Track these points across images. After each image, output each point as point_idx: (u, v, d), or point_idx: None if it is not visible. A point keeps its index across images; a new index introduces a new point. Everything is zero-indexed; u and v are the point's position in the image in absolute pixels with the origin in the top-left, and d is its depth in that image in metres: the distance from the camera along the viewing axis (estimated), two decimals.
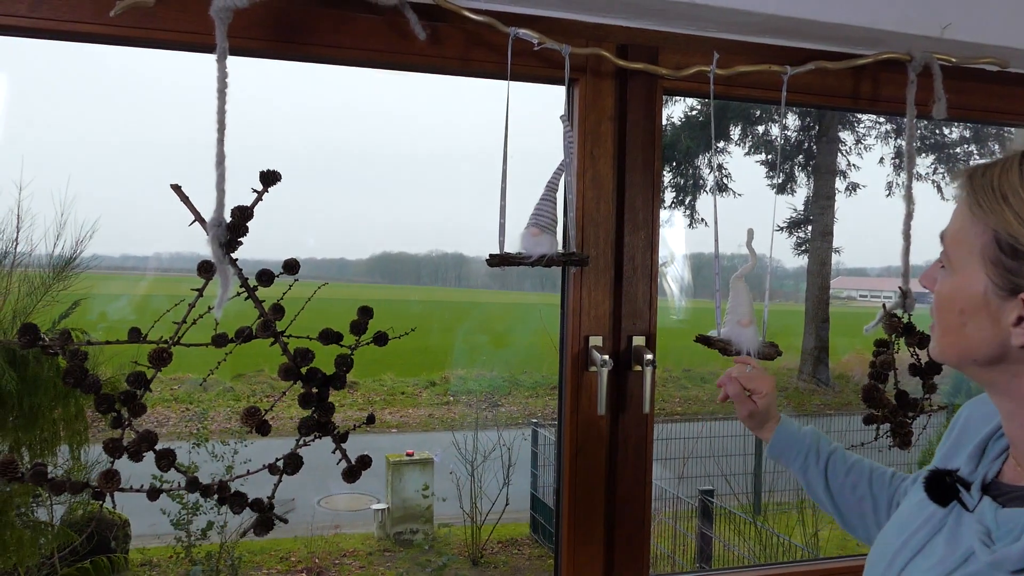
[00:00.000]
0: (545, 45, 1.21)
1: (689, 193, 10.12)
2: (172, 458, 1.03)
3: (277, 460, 1.09)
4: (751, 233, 1.26)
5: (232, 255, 1.03)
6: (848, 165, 10.41)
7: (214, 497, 1.06)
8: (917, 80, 1.39)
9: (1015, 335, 0.71)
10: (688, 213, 10.16)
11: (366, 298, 1.27)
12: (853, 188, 10.40)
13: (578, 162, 1.32)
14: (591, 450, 1.36)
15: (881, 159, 10.38)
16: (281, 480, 1.09)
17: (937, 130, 9.58)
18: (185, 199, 1.03)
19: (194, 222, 1.04)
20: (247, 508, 1.09)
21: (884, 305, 1.38)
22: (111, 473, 1.00)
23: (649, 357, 1.33)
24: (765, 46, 1.41)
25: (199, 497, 1.07)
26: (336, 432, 1.10)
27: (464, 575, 5.71)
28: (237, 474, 1.13)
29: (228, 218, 1.03)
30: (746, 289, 1.28)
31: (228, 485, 1.08)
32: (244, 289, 1.05)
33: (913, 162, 1.43)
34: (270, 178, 1.06)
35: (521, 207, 1.22)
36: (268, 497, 1.09)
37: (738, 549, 5.35)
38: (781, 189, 10.25)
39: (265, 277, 1.05)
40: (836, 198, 10.31)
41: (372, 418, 1.17)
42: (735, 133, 10.04)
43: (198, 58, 1.15)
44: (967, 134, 9.86)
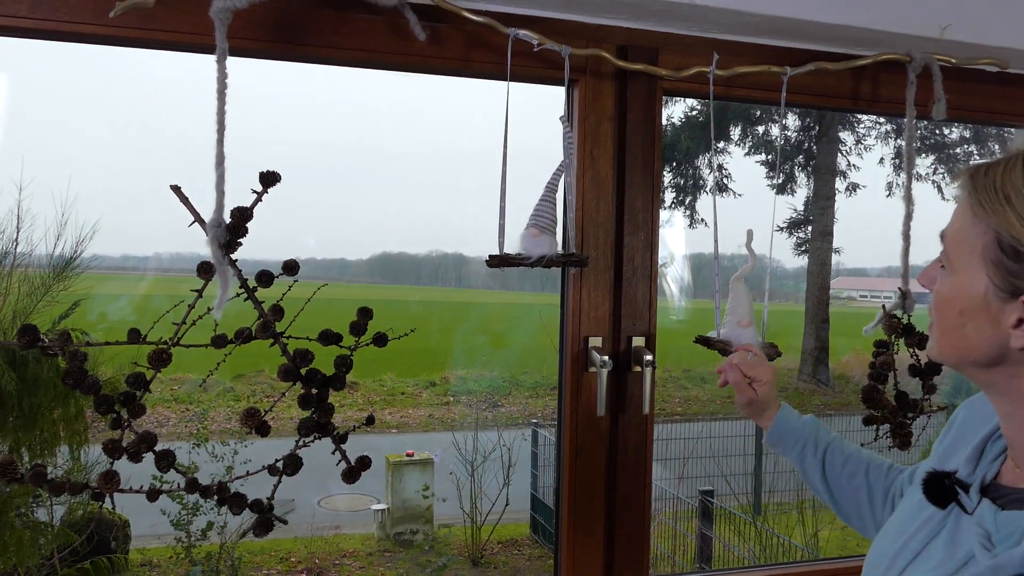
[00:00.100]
0: (545, 46, 1.21)
1: (689, 193, 10.12)
2: (171, 459, 1.03)
3: (277, 461, 1.09)
4: (750, 234, 1.26)
5: (232, 256, 1.03)
6: (848, 165, 10.42)
7: (213, 498, 1.06)
8: (917, 81, 1.39)
9: (1015, 337, 0.71)
10: (688, 213, 10.17)
11: (366, 298, 1.27)
12: (853, 188, 10.40)
13: (578, 163, 1.32)
14: (591, 451, 1.36)
15: (881, 159, 10.39)
16: (281, 481, 1.09)
17: (937, 130, 9.58)
18: (185, 200, 1.03)
19: (193, 223, 1.04)
20: (247, 509, 1.09)
21: (884, 306, 1.38)
22: (110, 474, 1.00)
23: (649, 358, 1.33)
24: (765, 47, 1.41)
25: (199, 498, 1.07)
26: (336, 433, 1.10)
27: (464, 575, 5.71)
28: (237, 475, 1.13)
29: (228, 219, 1.03)
30: (745, 290, 1.28)
31: (227, 486, 1.08)
32: (243, 290, 1.05)
33: (912, 163, 1.43)
34: (270, 179, 1.06)
35: (521, 208, 1.22)
36: (268, 498, 1.09)
37: (738, 550, 5.35)
38: (781, 189, 10.25)
39: (265, 278, 1.05)
40: (836, 198, 10.32)
41: (372, 419, 1.17)
42: (735, 133, 10.05)
43: (198, 59, 1.15)
44: (967, 134, 9.86)
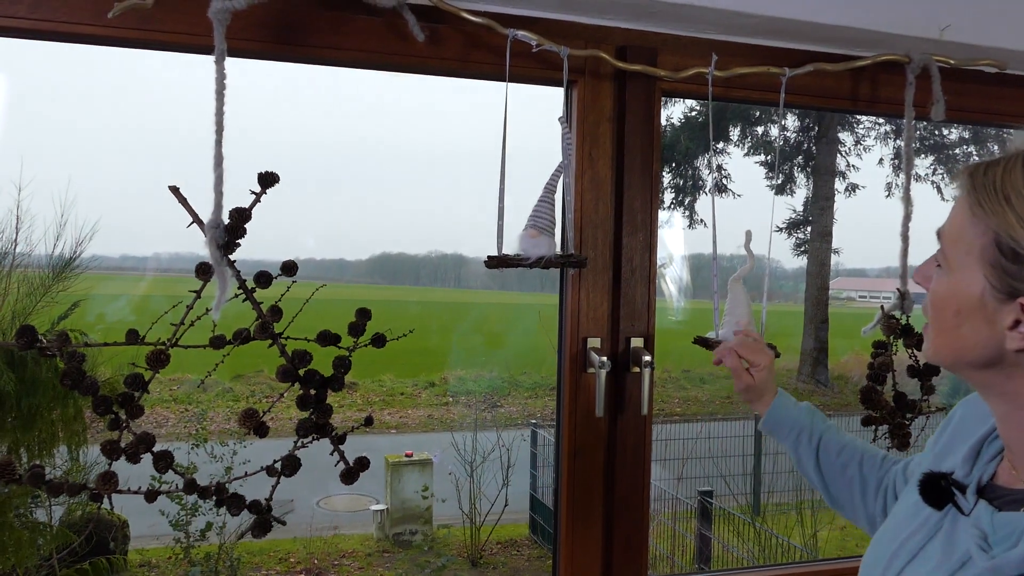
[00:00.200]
0: (544, 47, 1.21)
1: (688, 194, 10.13)
2: (170, 460, 1.03)
3: (275, 462, 1.09)
4: (749, 235, 1.26)
5: (230, 256, 1.03)
6: (847, 166, 10.43)
7: (212, 499, 1.06)
8: (916, 82, 1.39)
9: (1011, 339, 0.69)
10: (687, 214, 10.18)
11: (365, 299, 1.27)
12: (852, 189, 10.42)
13: (577, 163, 1.32)
14: (590, 451, 1.36)
15: (880, 160, 10.41)
16: (279, 482, 1.09)
17: (936, 131, 9.59)
18: (183, 200, 1.03)
19: (192, 223, 1.03)
20: (245, 510, 1.09)
21: (882, 307, 1.38)
22: (109, 475, 1.00)
23: (647, 359, 1.33)
24: (763, 48, 1.41)
25: (198, 498, 1.07)
26: (334, 434, 1.10)
27: (463, 575, 5.71)
28: (236, 475, 1.13)
29: (226, 220, 1.03)
30: (744, 291, 1.28)
31: (226, 487, 1.08)
32: (242, 291, 1.05)
33: (911, 164, 1.43)
34: (268, 180, 1.06)
35: (520, 208, 1.22)
36: (266, 499, 1.09)
37: (737, 550, 5.35)
38: (780, 190, 10.26)
39: (263, 279, 1.05)
40: (835, 199, 10.33)
41: (370, 420, 1.17)
42: (734, 134, 10.06)
43: (197, 59, 1.15)
44: (966, 135, 9.87)
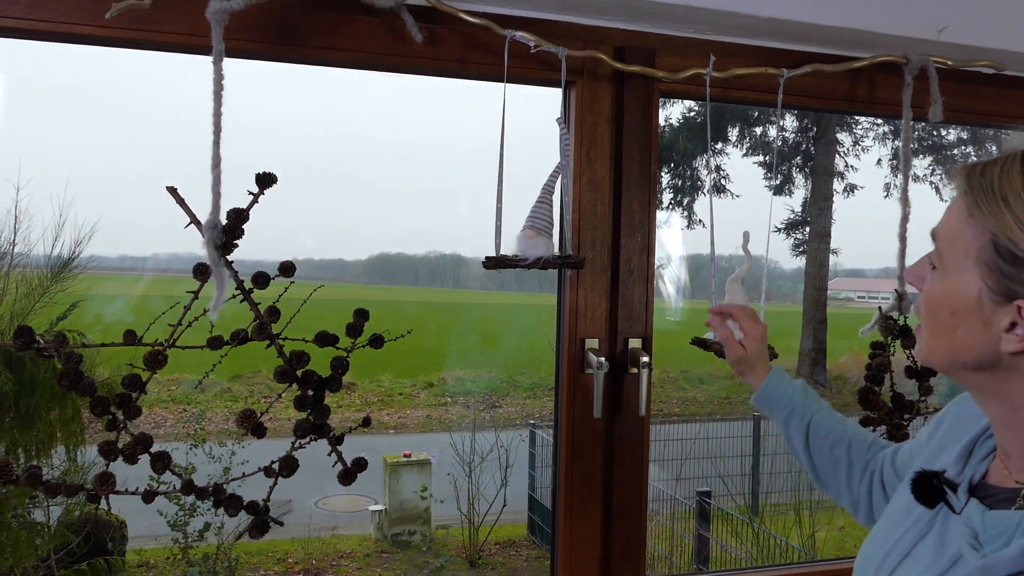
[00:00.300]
0: (542, 48, 1.21)
1: (687, 194, 10.14)
2: (167, 461, 1.03)
3: (273, 463, 1.09)
4: (747, 235, 1.26)
5: (228, 257, 1.03)
6: (846, 166, 10.44)
7: (210, 499, 1.06)
8: (913, 83, 1.39)
9: (1006, 341, 0.69)
10: (686, 214, 10.18)
11: (363, 299, 1.27)
12: (851, 189, 10.43)
13: (575, 164, 1.32)
14: (588, 452, 1.36)
15: (879, 160, 10.42)
16: (277, 482, 1.09)
17: (935, 131, 9.60)
18: (181, 201, 1.03)
19: (189, 224, 1.03)
20: (243, 510, 1.09)
21: (880, 308, 1.38)
22: (106, 476, 1.00)
23: (645, 359, 1.33)
24: (761, 49, 1.41)
25: (195, 499, 1.07)
26: (332, 435, 1.10)
27: None
28: (235, 475, 1.13)
29: (224, 220, 1.03)
30: (742, 291, 1.28)
31: (223, 488, 1.08)
32: (239, 291, 1.05)
33: (909, 165, 1.43)
34: (266, 180, 1.06)
35: (518, 209, 1.22)
36: (264, 499, 1.09)
37: (735, 551, 5.35)
38: (779, 190, 10.27)
39: (261, 280, 1.05)
40: (834, 199, 10.34)
41: (368, 421, 1.17)
42: (733, 134, 10.06)
43: (195, 60, 1.15)
44: (964, 135, 9.88)
